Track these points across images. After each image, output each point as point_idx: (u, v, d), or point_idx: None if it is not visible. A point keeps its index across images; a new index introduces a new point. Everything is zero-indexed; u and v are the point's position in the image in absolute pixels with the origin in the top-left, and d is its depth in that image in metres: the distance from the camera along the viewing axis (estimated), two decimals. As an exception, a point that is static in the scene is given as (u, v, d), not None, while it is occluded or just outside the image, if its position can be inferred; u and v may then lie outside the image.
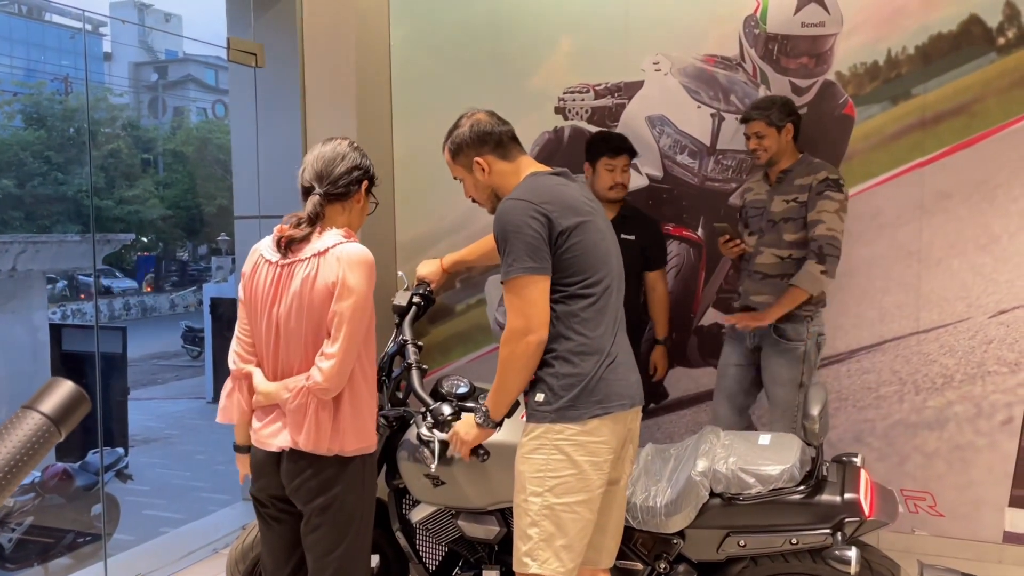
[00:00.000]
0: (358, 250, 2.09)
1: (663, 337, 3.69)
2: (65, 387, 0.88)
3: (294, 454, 2.11)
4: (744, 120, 3.33)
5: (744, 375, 3.41)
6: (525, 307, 2.02)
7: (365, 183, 2.24)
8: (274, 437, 2.13)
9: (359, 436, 2.12)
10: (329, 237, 2.11)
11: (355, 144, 2.26)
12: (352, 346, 2.04)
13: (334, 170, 2.17)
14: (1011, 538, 3.42)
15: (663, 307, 3.66)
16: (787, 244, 3.23)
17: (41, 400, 0.87)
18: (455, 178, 2.32)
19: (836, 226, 3.12)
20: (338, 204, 2.19)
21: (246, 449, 2.27)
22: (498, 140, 2.21)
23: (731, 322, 3.34)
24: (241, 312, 2.22)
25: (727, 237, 3.31)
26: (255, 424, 2.19)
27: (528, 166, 2.21)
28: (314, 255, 2.09)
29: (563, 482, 2.04)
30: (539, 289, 2.03)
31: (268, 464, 2.16)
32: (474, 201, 2.32)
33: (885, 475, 3.53)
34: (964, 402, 3.45)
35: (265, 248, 2.20)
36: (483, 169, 2.21)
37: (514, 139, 2.25)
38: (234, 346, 2.24)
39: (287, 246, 2.13)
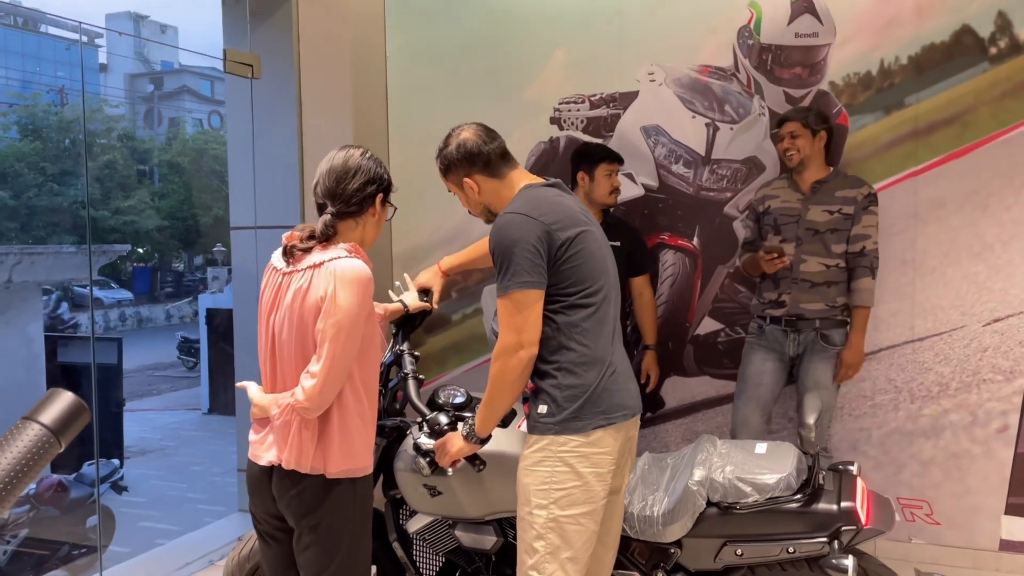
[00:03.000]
0: (353, 266, 2.01)
1: (653, 343, 3.69)
2: (65, 398, 0.88)
3: (281, 471, 2.07)
4: (780, 122, 3.37)
5: (778, 383, 3.41)
6: (519, 322, 2.02)
7: (380, 195, 2.16)
8: (266, 451, 2.11)
9: (347, 457, 2.05)
10: (331, 250, 2.06)
11: (369, 153, 2.18)
12: (337, 366, 1.96)
13: (347, 187, 2.09)
14: (1008, 546, 3.42)
15: (651, 313, 3.67)
16: (834, 254, 3.28)
17: (41, 411, 0.87)
18: (449, 191, 2.33)
19: (878, 240, 3.29)
20: (351, 220, 2.13)
21: None
22: (486, 160, 2.19)
23: (846, 378, 3.34)
24: None
25: (776, 255, 3.25)
26: (252, 437, 2.18)
27: (521, 179, 2.21)
28: (310, 267, 2.04)
29: (568, 494, 2.04)
30: (535, 305, 2.03)
31: (262, 479, 2.14)
32: (472, 213, 2.32)
33: (881, 484, 3.54)
34: (960, 410, 3.46)
35: (276, 255, 2.18)
36: (473, 188, 2.21)
37: (504, 155, 2.22)
38: None
39: (290, 254, 2.10)
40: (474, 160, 2.19)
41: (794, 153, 3.30)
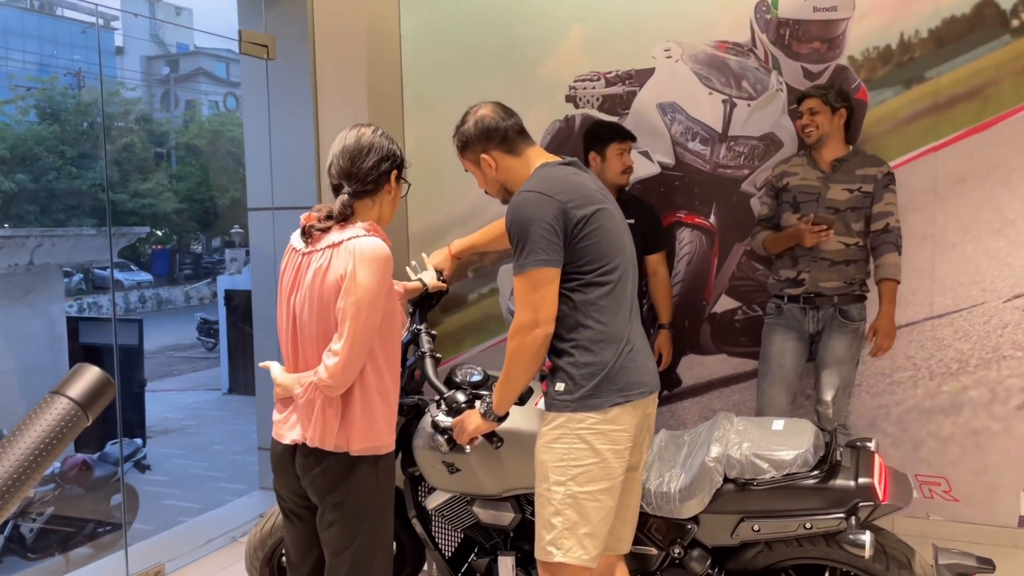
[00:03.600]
0: (373, 245, 2.02)
1: (667, 322, 3.68)
2: (91, 373, 0.90)
3: (305, 448, 2.10)
4: (800, 98, 3.35)
5: (800, 361, 3.40)
6: (535, 301, 2.03)
7: (395, 172, 2.16)
8: (290, 430, 2.13)
9: (369, 435, 2.07)
10: (349, 229, 2.06)
11: (380, 130, 2.17)
12: (359, 343, 1.98)
13: (361, 166, 2.09)
14: (1027, 522, 3.41)
15: (665, 291, 3.66)
16: (854, 233, 3.28)
17: (68, 385, 0.89)
18: (466, 171, 2.33)
19: (899, 216, 3.29)
20: (367, 199, 2.13)
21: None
22: (503, 135, 2.20)
23: (880, 353, 3.34)
24: None
25: (825, 227, 3.20)
26: (275, 416, 2.21)
27: (537, 157, 2.21)
28: (329, 246, 2.05)
29: (585, 471, 2.06)
30: (552, 283, 2.04)
31: (285, 457, 2.17)
32: (487, 193, 2.32)
33: (900, 460, 3.53)
34: (979, 387, 3.44)
35: (295, 236, 2.19)
36: (490, 165, 2.21)
37: (521, 132, 2.23)
38: None
39: (308, 234, 2.10)
40: (491, 135, 2.19)
41: (813, 130, 3.29)
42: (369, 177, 2.10)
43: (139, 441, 7.06)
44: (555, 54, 4.02)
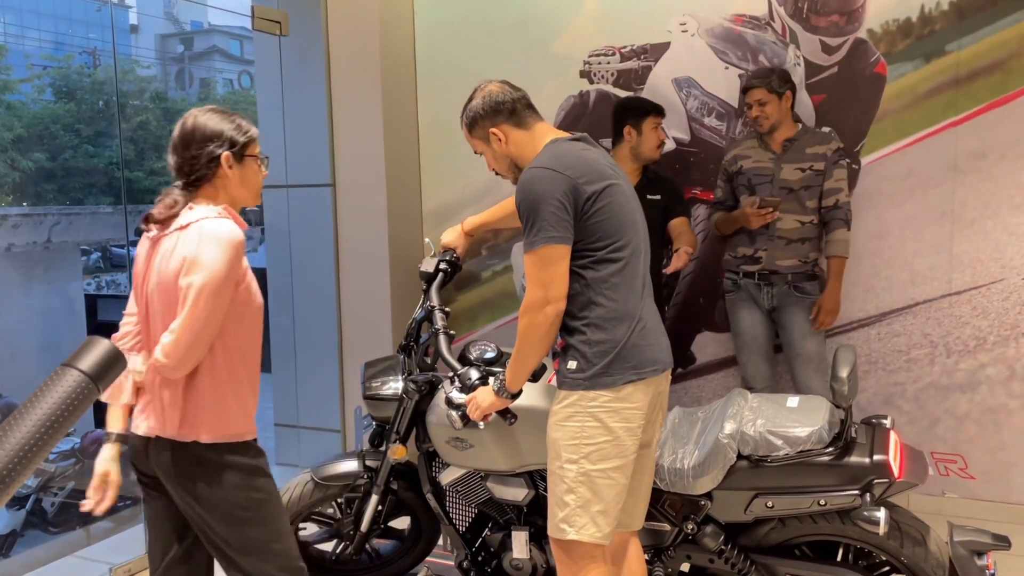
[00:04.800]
0: (221, 227, 1.90)
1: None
2: (102, 345, 0.91)
3: (158, 438, 1.98)
4: (745, 89, 3.40)
5: (769, 332, 3.51)
6: (545, 278, 2.02)
7: (227, 155, 1.97)
8: (145, 420, 2.01)
9: (222, 423, 1.95)
10: (199, 211, 1.94)
11: (212, 110, 2.00)
12: (199, 323, 1.85)
13: (186, 156, 1.95)
14: (1043, 500, 3.40)
15: (691, 237, 3.44)
16: (808, 211, 3.35)
17: (79, 358, 0.90)
18: (476, 152, 2.31)
19: (849, 192, 3.36)
20: (207, 187, 1.98)
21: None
22: (511, 108, 2.18)
23: (824, 326, 3.37)
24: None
25: (770, 208, 3.29)
26: (138, 407, 2.06)
27: (546, 133, 2.20)
28: (177, 229, 1.93)
29: (598, 448, 2.06)
30: (562, 260, 2.03)
31: (139, 448, 2.03)
32: (497, 174, 2.30)
33: (916, 438, 3.52)
34: (996, 364, 3.41)
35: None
36: (500, 139, 2.19)
37: (529, 106, 2.22)
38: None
39: (156, 221, 1.97)
40: (500, 109, 2.18)
41: (764, 120, 3.34)
42: (196, 165, 1.96)
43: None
44: (569, 29, 3.98)
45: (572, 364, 2.08)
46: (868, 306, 3.60)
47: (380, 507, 2.77)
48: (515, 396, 2.18)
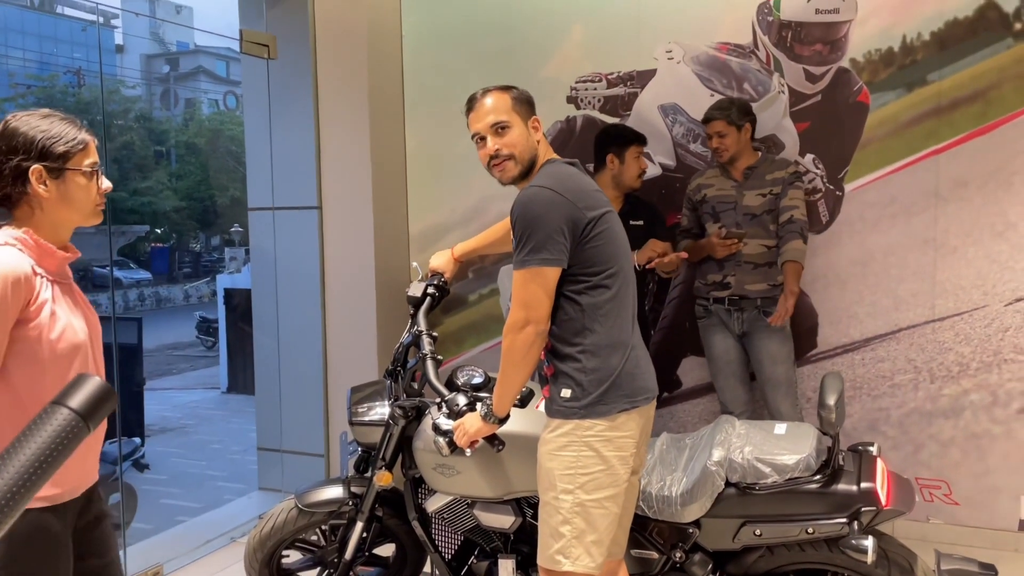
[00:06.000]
0: None
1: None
2: (92, 383, 0.89)
3: None
4: (705, 120, 3.46)
5: (742, 356, 3.55)
6: (530, 298, 2.02)
7: (37, 169, 1.68)
8: None
9: None
10: None
11: (41, 112, 1.74)
12: None
13: None
14: (1027, 526, 3.41)
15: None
16: (773, 234, 3.43)
17: (69, 396, 0.88)
18: (499, 126, 2.16)
19: (805, 210, 3.41)
20: (23, 207, 1.71)
21: None
22: (533, 111, 2.25)
23: (777, 320, 3.36)
24: None
25: (735, 240, 3.40)
26: None
27: (546, 150, 2.23)
28: None
29: (593, 478, 2.05)
30: (549, 282, 2.03)
31: None
32: (490, 166, 2.20)
33: (900, 463, 3.53)
34: (980, 390, 3.43)
35: None
36: (536, 128, 2.20)
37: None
38: None
39: None
40: (533, 108, 2.24)
41: (724, 151, 3.42)
42: (1, 183, 1.68)
43: (138, 440, 7.04)
44: (556, 55, 4.01)
45: (566, 392, 2.07)
46: (852, 332, 3.62)
47: (365, 534, 2.73)
48: (502, 421, 2.16)
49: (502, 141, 2.15)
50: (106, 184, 1.80)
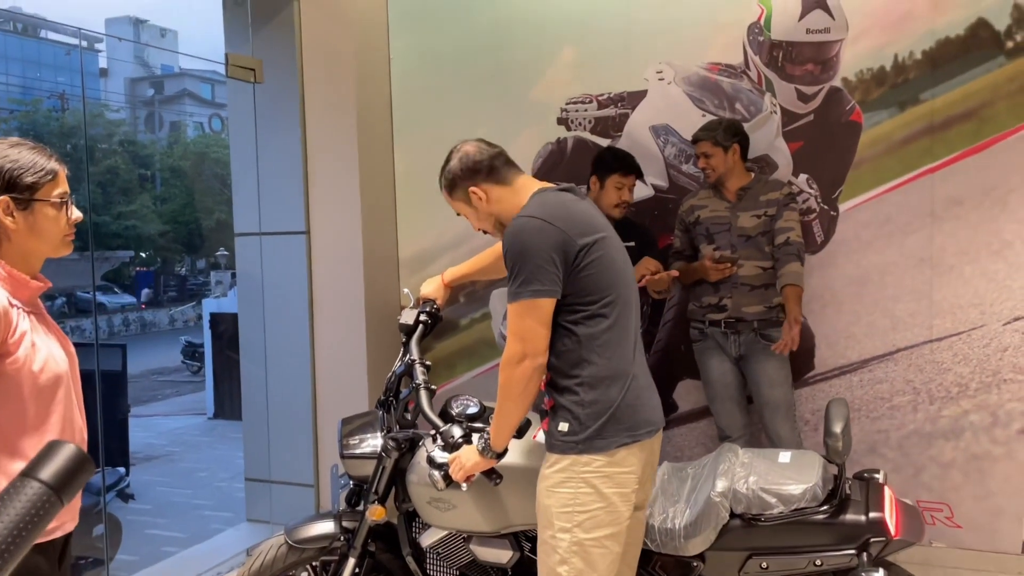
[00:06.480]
0: None
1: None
2: (65, 451, 0.82)
3: None
4: (693, 141, 3.44)
5: (739, 379, 3.50)
6: (526, 332, 1.96)
7: (5, 200, 1.63)
8: None
9: None
10: None
11: (10, 141, 1.70)
12: None
13: None
14: (1031, 549, 3.36)
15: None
16: (768, 256, 3.39)
17: (40, 466, 0.81)
18: (458, 214, 2.26)
19: (801, 232, 3.38)
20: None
21: None
22: (489, 167, 2.14)
23: (783, 349, 3.30)
24: None
25: (728, 264, 3.36)
26: None
27: (529, 185, 2.16)
28: None
29: (592, 516, 1.98)
30: (545, 314, 1.96)
31: None
32: (485, 232, 2.25)
33: (901, 486, 3.47)
34: (980, 411, 3.39)
35: None
36: (481, 198, 2.15)
37: (508, 162, 2.18)
38: None
39: None
40: (478, 168, 2.14)
41: (711, 172, 3.40)
42: None
43: (122, 470, 6.91)
44: (546, 76, 3.98)
45: (564, 426, 2.01)
46: (850, 353, 3.58)
47: (357, 570, 2.65)
48: (500, 456, 2.10)
49: (473, 223, 2.25)
50: (76, 215, 1.77)
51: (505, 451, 2.10)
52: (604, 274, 2.01)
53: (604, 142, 3.84)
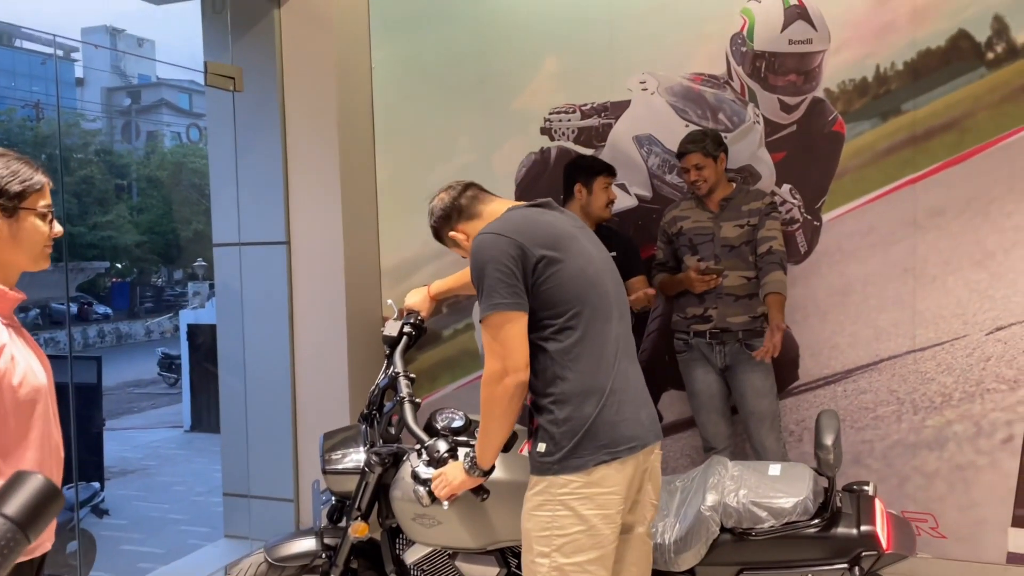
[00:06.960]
0: None
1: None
2: (33, 483, 0.76)
3: None
4: (680, 154, 3.41)
5: (724, 390, 3.48)
6: (500, 348, 1.92)
7: None
8: None
9: None
10: None
11: None
12: None
13: None
14: (1015, 559, 3.36)
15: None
16: (751, 266, 3.38)
17: (6, 501, 0.75)
18: (462, 256, 2.30)
19: (783, 241, 3.37)
20: None
21: None
22: (459, 209, 2.22)
23: (765, 356, 3.26)
24: None
25: (714, 276, 3.34)
26: None
27: (500, 208, 2.17)
28: None
29: (571, 540, 1.91)
30: (516, 327, 1.92)
31: None
32: None
33: (886, 497, 3.47)
34: (963, 421, 3.39)
35: None
36: (464, 237, 2.21)
37: (476, 195, 2.23)
38: None
39: None
40: (449, 214, 2.23)
41: (703, 183, 3.38)
42: None
43: (96, 485, 6.78)
44: (530, 86, 3.96)
45: (541, 446, 1.96)
46: (833, 363, 3.57)
47: (339, 588, 2.59)
48: (487, 474, 2.05)
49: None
50: (57, 229, 1.75)
51: (492, 469, 2.06)
52: (568, 285, 1.95)
53: (587, 152, 3.82)
